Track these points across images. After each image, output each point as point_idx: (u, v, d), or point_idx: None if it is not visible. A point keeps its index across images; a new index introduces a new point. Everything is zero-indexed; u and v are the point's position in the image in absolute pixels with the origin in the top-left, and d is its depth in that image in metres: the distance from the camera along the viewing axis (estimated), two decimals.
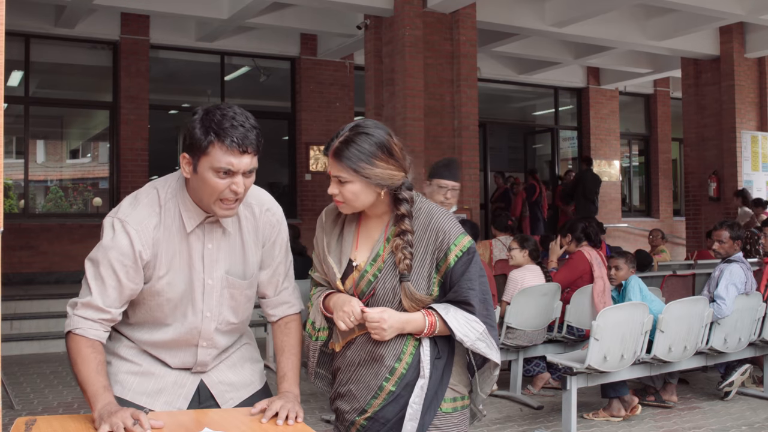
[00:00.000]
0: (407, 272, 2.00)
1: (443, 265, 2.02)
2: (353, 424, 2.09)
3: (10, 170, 10.24)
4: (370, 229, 2.10)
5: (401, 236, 2.01)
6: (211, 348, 2.06)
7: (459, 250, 2.02)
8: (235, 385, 2.12)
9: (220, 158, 1.84)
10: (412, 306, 2.01)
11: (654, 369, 4.97)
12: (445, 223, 2.04)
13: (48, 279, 9.71)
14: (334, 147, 2.01)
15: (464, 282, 2.01)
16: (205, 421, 1.87)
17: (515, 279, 5.77)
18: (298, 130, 11.60)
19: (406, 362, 2.03)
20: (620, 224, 14.11)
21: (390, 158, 1.99)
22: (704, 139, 11.69)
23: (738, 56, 11.27)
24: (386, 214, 2.08)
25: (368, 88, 9.11)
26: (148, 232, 1.93)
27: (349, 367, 2.10)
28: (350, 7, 8.93)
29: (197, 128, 1.86)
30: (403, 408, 2.02)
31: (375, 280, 2.04)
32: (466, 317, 2.02)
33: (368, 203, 2.03)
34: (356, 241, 2.11)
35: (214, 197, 1.89)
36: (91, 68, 10.99)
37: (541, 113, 15.34)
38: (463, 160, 8.78)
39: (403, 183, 2.03)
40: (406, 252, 2.00)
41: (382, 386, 2.04)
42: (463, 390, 2.12)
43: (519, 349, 5.63)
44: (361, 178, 1.97)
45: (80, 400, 5.67)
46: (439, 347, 2.06)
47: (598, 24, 10.09)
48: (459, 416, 2.09)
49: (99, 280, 1.91)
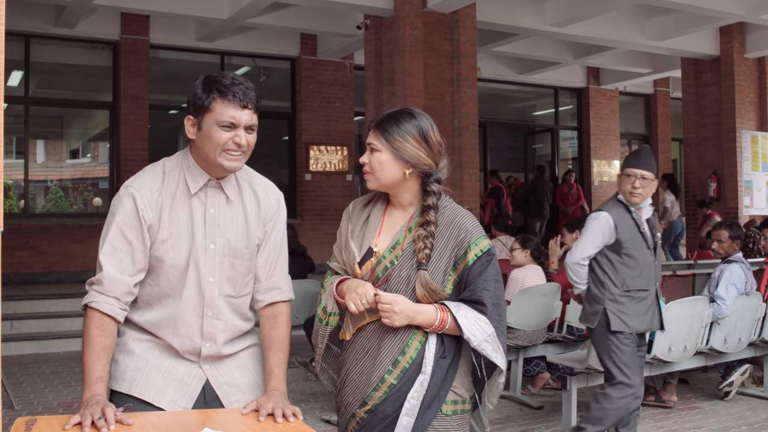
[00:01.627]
0: (425, 261, 2.02)
1: (462, 263, 2.04)
2: (354, 417, 2.09)
3: (10, 170, 10.24)
4: (394, 219, 2.14)
5: (425, 226, 2.05)
6: (217, 319, 2.06)
7: (479, 250, 2.05)
8: (241, 387, 2.12)
9: (223, 112, 1.96)
10: (425, 296, 2.02)
11: (654, 369, 4.98)
12: (468, 222, 2.09)
13: (48, 279, 9.71)
14: (377, 119, 2.11)
15: (480, 282, 2.03)
16: (205, 421, 1.87)
17: (516, 278, 5.77)
18: (298, 130, 11.60)
19: (410, 356, 2.04)
20: None
21: (424, 143, 2.07)
22: (704, 139, 11.69)
23: (738, 56, 11.27)
24: (412, 206, 2.12)
25: (368, 88, 9.10)
26: (152, 194, 2.02)
27: (354, 356, 2.11)
28: (350, 7, 8.93)
29: (199, 89, 1.99)
30: (403, 404, 2.02)
31: (391, 267, 2.06)
32: (477, 317, 2.03)
33: (392, 180, 2.08)
34: (380, 229, 2.14)
35: (219, 150, 1.98)
36: (91, 68, 10.99)
37: (541, 113, 15.35)
38: (462, 160, 8.78)
39: (431, 174, 2.08)
40: (428, 242, 2.03)
41: (384, 378, 2.04)
42: (465, 394, 2.11)
43: (519, 349, 5.64)
44: (391, 149, 2.05)
45: (80, 400, 5.67)
46: (446, 346, 2.06)
47: (598, 24, 10.09)
48: (458, 420, 2.09)
49: (110, 248, 1.99)
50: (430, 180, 2.08)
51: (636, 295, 3.79)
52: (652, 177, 3.74)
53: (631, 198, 3.77)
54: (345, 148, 11.75)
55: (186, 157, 2.08)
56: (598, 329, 3.83)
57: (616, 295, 3.78)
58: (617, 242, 3.77)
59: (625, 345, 3.78)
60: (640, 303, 3.79)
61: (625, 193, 3.80)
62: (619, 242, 3.77)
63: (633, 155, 3.86)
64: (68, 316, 8.07)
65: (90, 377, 1.92)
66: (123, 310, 2.01)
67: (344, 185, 11.69)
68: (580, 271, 3.89)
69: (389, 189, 2.12)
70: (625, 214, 3.80)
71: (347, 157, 11.75)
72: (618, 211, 3.81)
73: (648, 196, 3.77)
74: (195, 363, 2.07)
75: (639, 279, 3.79)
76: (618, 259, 3.78)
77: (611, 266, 3.80)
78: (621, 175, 3.83)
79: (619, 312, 3.76)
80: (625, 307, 3.77)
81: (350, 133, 11.91)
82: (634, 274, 3.78)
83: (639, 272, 3.78)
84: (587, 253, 3.85)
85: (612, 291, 3.78)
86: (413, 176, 2.08)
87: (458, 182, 8.77)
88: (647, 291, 3.81)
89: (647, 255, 3.80)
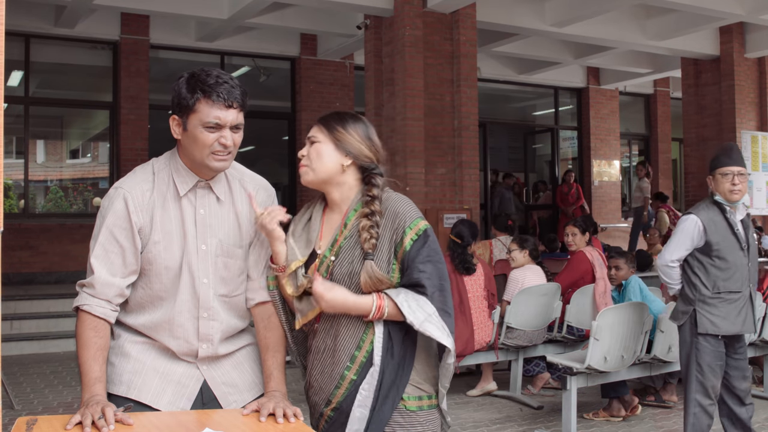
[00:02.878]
0: (371, 251, 2.01)
1: (400, 249, 2.02)
2: (322, 416, 2.09)
3: (10, 170, 10.24)
4: (332, 219, 2.14)
5: (369, 217, 2.03)
6: (212, 320, 2.06)
7: (414, 234, 2.02)
8: (238, 387, 2.11)
9: (208, 112, 1.93)
10: (370, 285, 2.00)
11: (654, 369, 4.98)
12: (401, 206, 2.06)
13: (48, 279, 9.71)
14: (323, 116, 2.13)
15: (416, 264, 2.00)
16: (206, 421, 1.87)
17: (516, 279, 5.77)
18: (298, 130, 11.60)
19: (366, 350, 2.03)
20: (620, 224, 14.10)
21: (367, 140, 2.10)
22: (704, 139, 11.68)
23: (738, 56, 11.26)
24: (344, 203, 2.11)
25: (368, 88, 9.10)
26: (143, 196, 2.00)
27: (314, 357, 2.11)
28: (350, 7, 8.93)
29: (183, 88, 1.96)
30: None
31: (332, 265, 2.06)
32: (417, 299, 2.00)
33: (329, 171, 2.07)
34: (321, 232, 2.14)
35: (206, 151, 1.96)
36: (91, 68, 10.99)
37: (541, 113, 15.34)
38: (462, 160, 8.78)
39: (373, 168, 2.09)
40: (373, 231, 2.01)
41: (344, 375, 2.04)
42: (430, 389, 2.09)
43: (519, 349, 5.64)
44: (332, 140, 2.07)
45: (80, 400, 5.67)
46: (392, 336, 2.03)
47: (598, 24, 10.09)
48: (426, 416, 2.07)
49: (101, 251, 1.98)
50: (373, 173, 2.09)
51: (727, 297, 3.77)
52: (746, 172, 3.78)
53: (732, 196, 3.76)
54: None
55: (173, 157, 2.07)
56: (685, 328, 3.86)
57: (706, 297, 3.77)
58: (707, 244, 3.76)
59: (709, 348, 3.78)
60: (732, 305, 3.77)
61: (724, 192, 3.78)
62: (709, 244, 3.76)
63: (724, 154, 3.85)
64: (68, 316, 8.07)
65: (88, 378, 1.92)
66: (114, 312, 2.01)
67: None
68: (669, 272, 3.91)
69: (324, 184, 2.10)
70: (718, 216, 3.79)
71: None
72: (710, 213, 3.80)
73: (745, 192, 3.79)
74: (192, 364, 2.07)
75: (731, 281, 3.77)
76: (709, 261, 3.77)
77: (702, 268, 3.79)
78: (714, 175, 3.81)
79: (708, 314, 3.76)
80: (716, 309, 3.76)
81: None
82: (725, 276, 3.76)
83: (731, 274, 3.76)
84: (675, 256, 3.86)
85: (703, 293, 3.77)
86: (351, 170, 2.08)
87: (458, 182, 8.78)
88: (740, 293, 3.78)
89: (740, 257, 3.77)
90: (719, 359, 3.82)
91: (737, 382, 3.91)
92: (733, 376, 3.90)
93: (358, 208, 2.08)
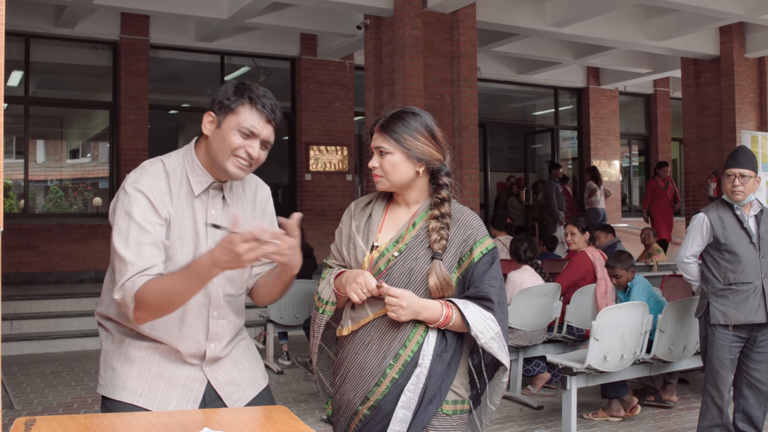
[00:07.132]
0: (441, 252, 2.03)
1: (467, 260, 2.05)
2: (356, 414, 2.07)
3: (10, 170, 10.24)
4: (397, 216, 2.16)
5: (440, 219, 2.07)
6: (222, 319, 2.07)
7: (485, 248, 2.07)
8: (240, 384, 2.12)
9: (248, 118, 1.97)
10: (438, 287, 2.02)
11: (654, 369, 4.98)
12: (473, 220, 2.12)
13: (48, 279, 9.71)
14: (381, 122, 2.12)
15: (486, 279, 2.04)
16: (205, 421, 1.87)
17: (514, 280, 5.78)
18: (298, 130, 11.60)
19: (411, 350, 2.03)
20: (620, 224, 14.10)
21: (432, 139, 2.11)
22: (704, 139, 11.69)
23: (738, 56, 11.26)
24: (416, 203, 2.14)
25: (368, 88, 9.10)
26: (161, 193, 1.99)
27: (354, 350, 2.09)
28: (350, 7, 8.93)
29: (231, 90, 2.00)
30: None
31: (393, 260, 2.06)
32: (484, 315, 2.03)
33: (405, 180, 2.10)
34: (381, 226, 2.15)
35: (228, 153, 1.97)
36: (91, 68, 10.99)
37: (541, 113, 15.35)
38: (462, 160, 8.78)
39: (442, 169, 2.12)
40: (444, 233, 2.05)
41: (385, 373, 2.03)
42: (464, 394, 2.11)
43: (519, 349, 5.64)
44: (403, 150, 2.07)
45: (80, 400, 5.67)
46: (447, 341, 2.05)
47: (598, 24, 10.09)
48: (458, 420, 2.09)
49: (134, 245, 1.90)
50: (441, 174, 2.12)
51: (738, 288, 3.97)
52: (752, 174, 3.93)
53: (734, 196, 3.98)
54: (345, 148, 11.75)
55: (189, 156, 2.06)
56: (702, 321, 4.12)
57: (718, 290, 4.01)
58: (716, 240, 4.02)
59: (720, 341, 3.98)
60: (743, 295, 3.96)
61: (727, 192, 4.00)
62: (717, 240, 4.02)
63: (731, 156, 4.06)
64: (68, 316, 8.08)
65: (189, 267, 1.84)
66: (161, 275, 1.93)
67: (344, 185, 11.69)
68: (687, 268, 4.22)
69: (400, 189, 2.12)
70: (727, 213, 4.03)
71: (347, 157, 11.75)
72: (719, 210, 4.06)
73: (750, 193, 3.97)
74: (197, 366, 2.06)
75: (741, 273, 3.98)
76: (719, 255, 4.03)
77: (714, 262, 4.05)
78: (723, 176, 4.05)
79: (720, 305, 3.98)
80: (727, 300, 3.97)
81: (350, 133, 11.91)
82: (735, 268, 3.98)
83: (742, 267, 3.97)
84: (690, 252, 4.16)
85: (715, 285, 4.03)
86: (424, 173, 2.11)
87: (458, 182, 8.77)
88: (751, 283, 3.96)
89: (749, 250, 3.97)
90: (730, 353, 3.99)
91: (761, 375, 4.01)
92: (756, 369, 4.01)
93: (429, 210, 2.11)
